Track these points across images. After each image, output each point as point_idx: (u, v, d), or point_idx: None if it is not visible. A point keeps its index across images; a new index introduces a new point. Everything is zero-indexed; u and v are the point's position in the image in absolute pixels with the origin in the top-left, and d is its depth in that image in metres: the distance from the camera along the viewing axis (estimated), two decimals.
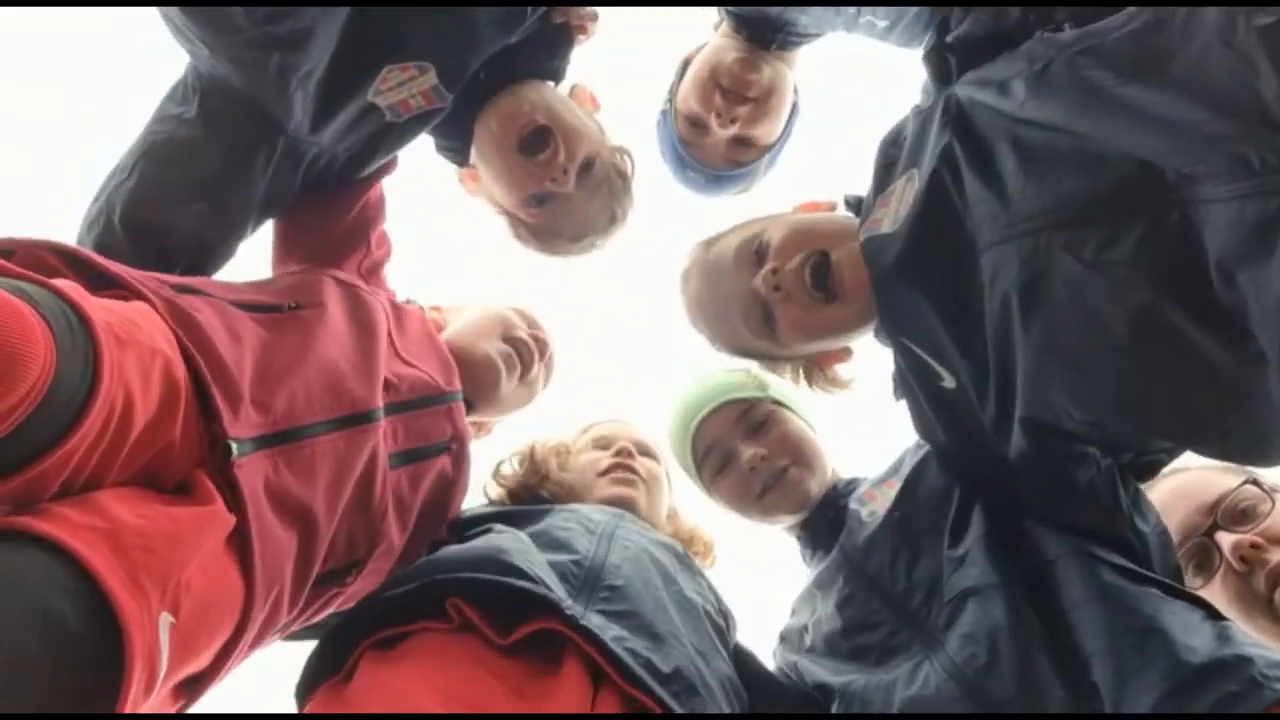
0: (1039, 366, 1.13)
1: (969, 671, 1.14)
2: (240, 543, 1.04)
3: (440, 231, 2.36)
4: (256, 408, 1.12)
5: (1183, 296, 0.97)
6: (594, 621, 1.14)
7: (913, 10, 1.37)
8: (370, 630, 1.15)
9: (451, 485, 1.50)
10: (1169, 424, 1.10)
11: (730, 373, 1.70)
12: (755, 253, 1.42)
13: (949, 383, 1.29)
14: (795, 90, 1.82)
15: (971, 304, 1.20)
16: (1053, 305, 1.09)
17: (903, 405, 1.44)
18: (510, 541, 1.28)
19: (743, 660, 1.42)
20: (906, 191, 1.29)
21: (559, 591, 1.18)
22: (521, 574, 1.17)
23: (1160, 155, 0.97)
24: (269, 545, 1.08)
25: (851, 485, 1.60)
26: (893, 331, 1.36)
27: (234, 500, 1.04)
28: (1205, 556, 1.34)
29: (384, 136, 1.51)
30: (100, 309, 0.93)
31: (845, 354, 1.53)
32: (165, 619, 0.88)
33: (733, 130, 1.75)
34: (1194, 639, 1.05)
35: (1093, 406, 1.12)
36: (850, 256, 1.34)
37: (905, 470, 1.48)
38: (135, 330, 0.97)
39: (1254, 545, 1.28)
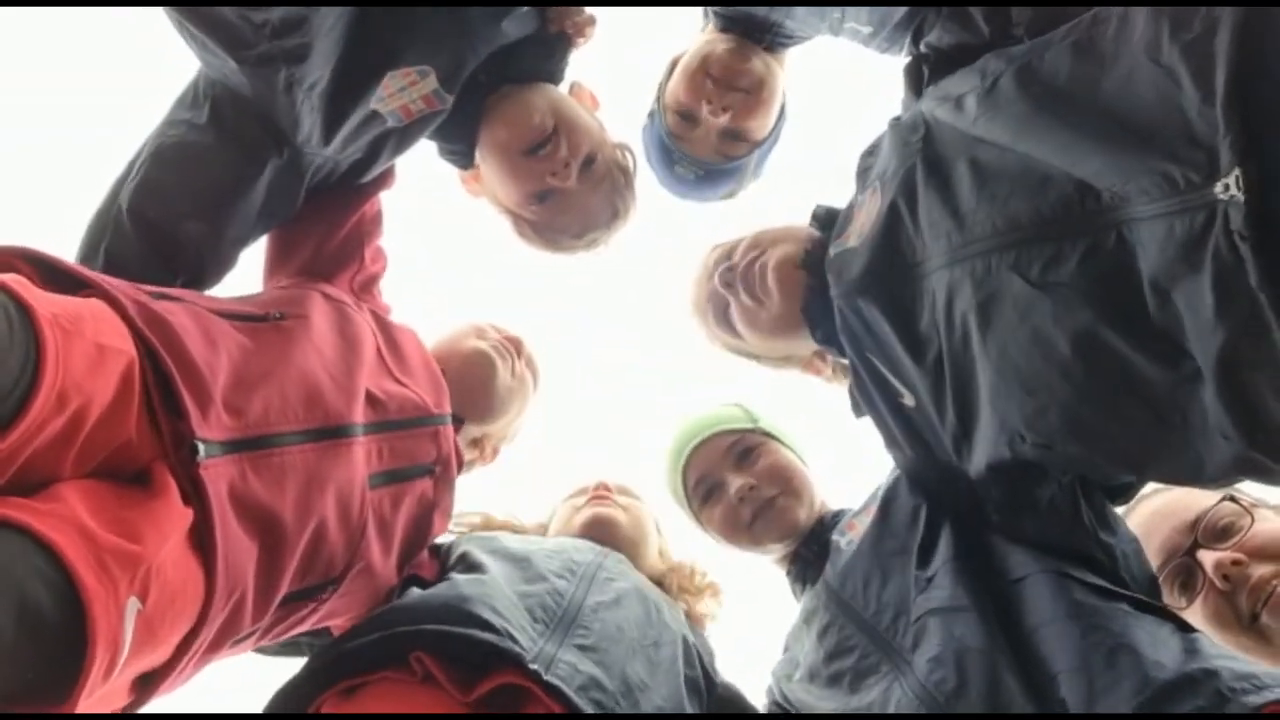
0: (996, 387, 1.15)
1: (939, 696, 1.15)
2: (203, 541, 1.04)
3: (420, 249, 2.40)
4: (229, 411, 1.12)
5: (1120, 318, 0.98)
6: (561, 670, 1.14)
7: (894, 19, 1.36)
8: (332, 681, 1.16)
9: (432, 509, 1.49)
10: (1112, 448, 1.10)
11: (724, 407, 1.76)
12: (727, 253, 1.52)
13: (909, 400, 1.32)
14: (784, 93, 1.81)
15: (920, 324, 1.23)
16: (1004, 326, 1.11)
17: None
18: (474, 587, 1.27)
19: (728, 705, 1.44)
20: (871, 206, 1.32)
21: (525, 638, 1.17)
22: (485, 625, 1.17)
23: (1094, 175, 0.99)
24: (232, 547, 1.07)
25: (838, 517, 1.61)
26: (855, 347, 1.37)
27: (195, 497, 1.04)
28: (1189, 576, 1.32)
29: (385, 142, 1.53)
30: (45, 301, 0.93)
31: (820, 359, 1.56)
32: (133, 604, 0.89)
33: (724, 120, 1.72)
34: (1162, 654, 1.05)
35: (1042, 429, 1.12)
36: (773, 261, 1.44)
37: (881, 492, 1.50)
38: (82, 323, 0.96)
39: (1235, 562, 1.26)
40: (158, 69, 1.53)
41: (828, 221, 1.48)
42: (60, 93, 2.27)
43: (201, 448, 1.05)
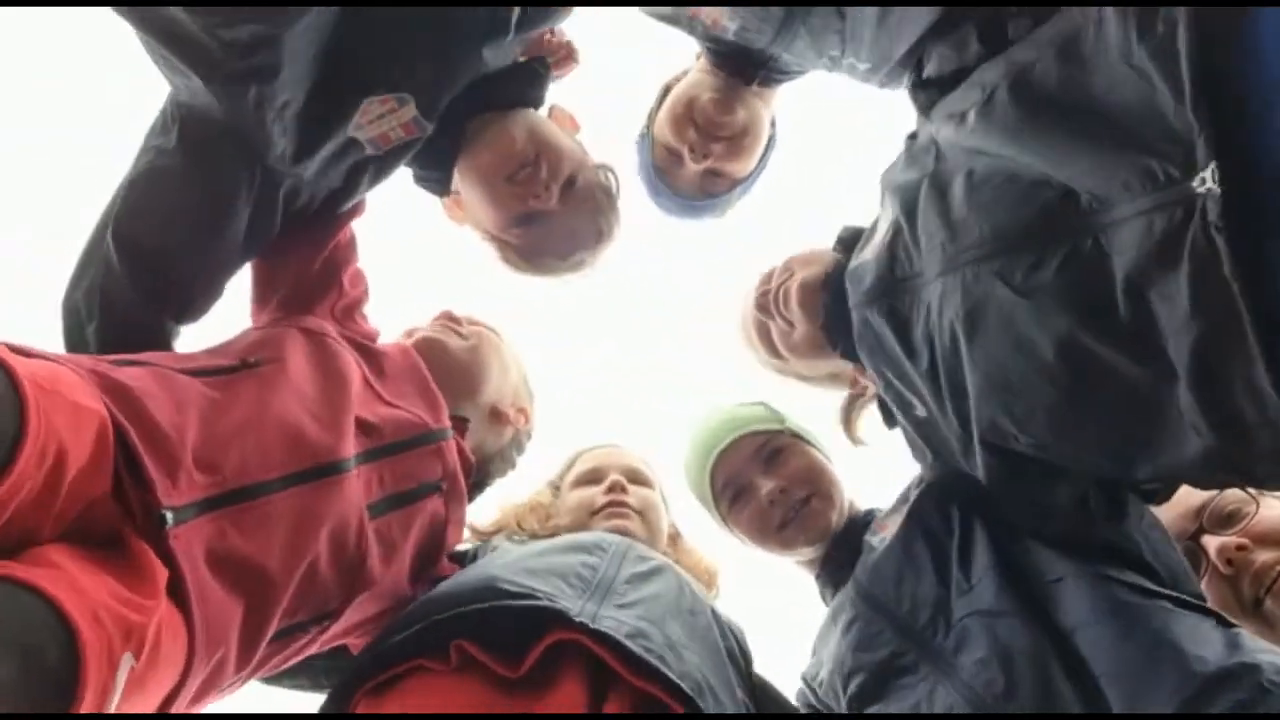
0: (984, 391, 1.19)
1: (988, 696, 1.16)
2: (180, 605, 1.03)
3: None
4: (203, 469, 1.11)
5: (1096, 320, 1.02)
6: (607, 623, 1.14)
7: (894, 58, 1.41)
8: (368, 677, 1.15)
9: (444, 524, 1.48)
10: (1101, 446, 1.12)
11: (748, 406, 1.76)
12: (766, 278, 1.59)
13: (920, 411, 1.35)
14: (773, 123, 1.85)
15: (915, 334, 1.29)
16: (989, 331, 1.15)
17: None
18: (502, 567, 1.28)
19: (761, 693, 1.44)
20: (883, 220, 1.36)
21: (565, 598, 1.18)
22: (522, 594, 1.17)
23: (1079, 176, 1.02)
24: (211, 611, 1.07)
25: (869, 517, 1.62)
26: (872, 359, 1.41)
27: (168, 564, 1.03)
28: (1193, 561, 1.35)
29: (364, 170, 1.51)
30: (21, 361, 0.95)
31: (862, 375, 1.57)
32: (128, 659, 0.90)
33: (705, 165, 1.78)
34: (1204, 649, 1.06)
35: (1033, 430, 1.16)
36: (796, 284, 1.50)
37: (912, 495, 1.51)
38: (58, 381, 0.98)
39: (1240, 547, 1.30)
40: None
41: (851, 242, 1.52)
42: (61, 94, 2.20)
43: (169, 516, 1.04)
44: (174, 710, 1.05)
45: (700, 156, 1.76)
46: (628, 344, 3.02)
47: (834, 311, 1.46)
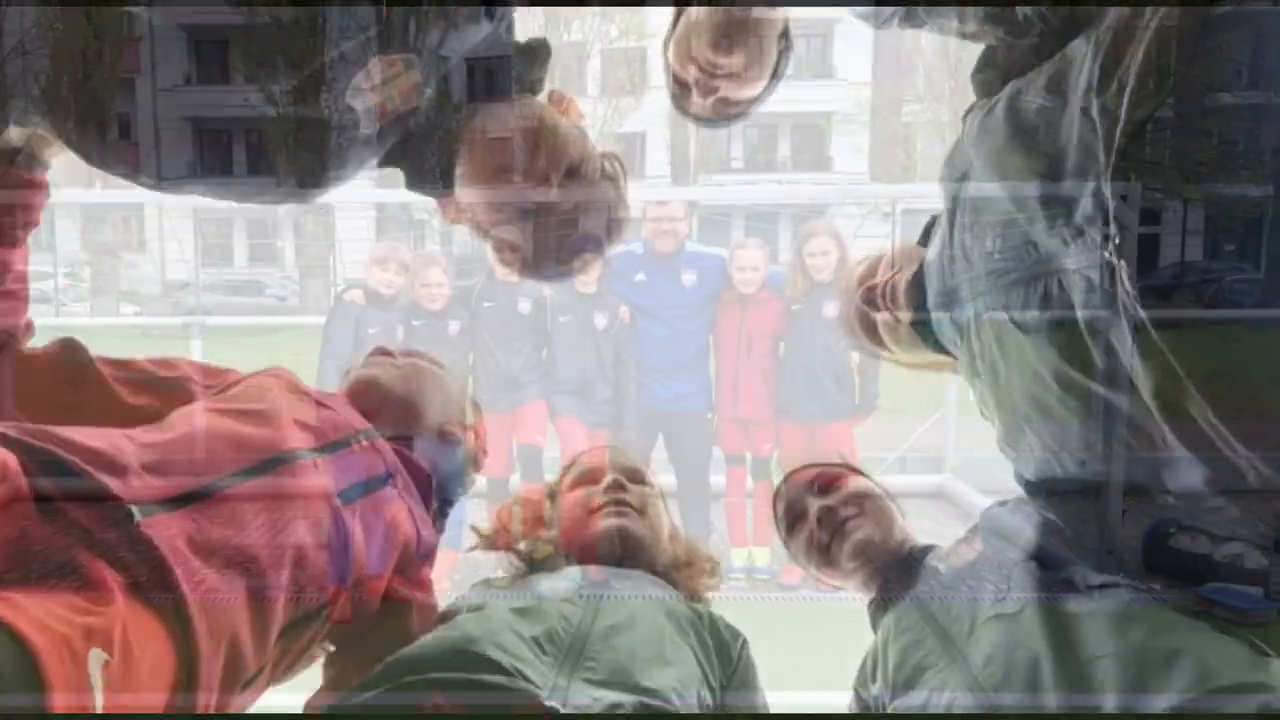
0: (1027, 413, 1.24)
1: (988, 687, 1.18)
2: (156, 600, 1.02)
3: None
4: (155, 474, 1.11)
5: (1077, 356, 1.05)
6: (579, 700, 1.16)
7: (886, 15, 1.39)
8: None
9: (411, 517, 1.49)
10: (1129, 466, 1.12)
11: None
12: (871, 270, 1.65)
13: (986, 411, 1.41)
14: (786, 34, 1.73)
15: (972, 345, 1.32)
16: (1014, 357, 1.20)
17: None
18: (478, 625, 1.29)
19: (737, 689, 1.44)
20: (943, 221, 1.40)
21: (536, 672, 1.20)
22: (494, 665, 1.19)
23: (1027, 221, 1.05)
24: (207, 593, 1.06)
25: (928, 549, 1.62)
26: (953, 352, 1.47)
27: (143, 557, 1.01)
28: None
29: (350, 147, 1.44)
30: None
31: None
32: (97, 655, 0.89)
33: (713, 99, 1.72)
34: (1223, 664, 1.05)
35: (1069, 447, 1.20)
36: (904, 281, 1.54)
37: (982, 522, 1.52)
38: None
39: None
40: None
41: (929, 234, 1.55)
42: None
43: (136, 510, 1.03)
44: (202, 705, 1.05)
45: (706, 93, 1.70)
46: None
47: (922, 308, 1.51)
